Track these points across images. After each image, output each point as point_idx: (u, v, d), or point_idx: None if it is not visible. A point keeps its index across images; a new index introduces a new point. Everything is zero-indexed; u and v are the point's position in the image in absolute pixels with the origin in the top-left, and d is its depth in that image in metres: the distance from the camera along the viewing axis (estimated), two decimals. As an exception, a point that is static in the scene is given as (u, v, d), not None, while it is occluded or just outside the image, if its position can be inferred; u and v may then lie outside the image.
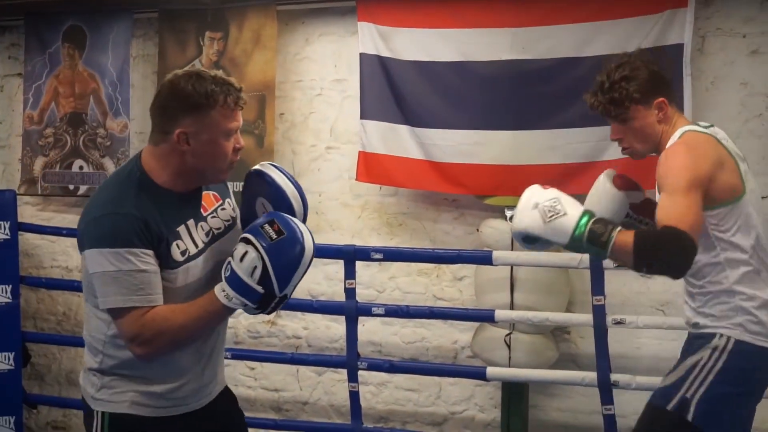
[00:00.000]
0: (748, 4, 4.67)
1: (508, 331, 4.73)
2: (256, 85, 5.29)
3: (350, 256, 4.70)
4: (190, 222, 2.55)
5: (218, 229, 2.62)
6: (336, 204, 5.41)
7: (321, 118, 5.45)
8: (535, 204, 2.81)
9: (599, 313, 4.32)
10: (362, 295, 5.19)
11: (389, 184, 5.13)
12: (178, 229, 2.50)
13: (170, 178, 2.51)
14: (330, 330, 5.44)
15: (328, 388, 5.47)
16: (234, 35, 5.37)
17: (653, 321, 4.42)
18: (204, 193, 2.62)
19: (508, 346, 4.71)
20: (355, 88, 5.28)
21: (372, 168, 5.07)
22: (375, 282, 5.30)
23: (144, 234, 2.42)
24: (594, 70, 4.61)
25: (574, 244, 2.75)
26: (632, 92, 2.99)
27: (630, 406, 4.58)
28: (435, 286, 5.21)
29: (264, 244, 2.35)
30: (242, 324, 5.60)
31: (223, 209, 2.67)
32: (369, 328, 5.26)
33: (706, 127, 3.04)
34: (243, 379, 5.61)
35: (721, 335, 2.94)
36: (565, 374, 4.53)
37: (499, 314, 4.52)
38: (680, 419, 2.90)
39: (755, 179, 4.61)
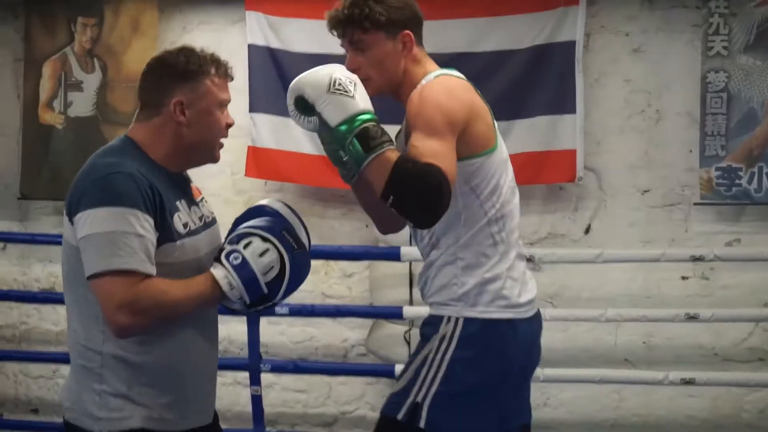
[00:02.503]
0: (630, 3, 4.82)
1: (406, 328, 4.72)
2: (134, 75, 5.00)
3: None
4: (186, 201, 2.42)
5: (208, 218, 2.51)
6: (218, 200, 5.23)
7: (200, 111, 5.25)
8: (331, 72, 2.42)
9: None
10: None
11: (281, 180, 5.02)
12: (176, 203, 2.38)
13: (164, 155, 2.39)
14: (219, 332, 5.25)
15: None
16: (110, 21, 5.12)
17: (574, 314, 4.50)
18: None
19: (408, 343, 4.69)
20: (236, 80, 5.06)
21: (262, 163, 4.94)
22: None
23: (148, 197, 2.27)
24: (488, 65, 4.75)
25: (339, 132, 2.37)
26: (376, 14, 2.56)
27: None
28: (323, 284, 5.13)
29: (288, 251, 2.35)
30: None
31: (205, 202, 2.56)
32: (237, 328, 5.10)
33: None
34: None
35: (449, 319, 2.54)
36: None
37: (408, 311, 4.49)
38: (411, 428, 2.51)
39: (634, 173, 4.84)
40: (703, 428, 4.83)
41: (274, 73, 4.91)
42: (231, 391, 5.17)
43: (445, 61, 4.59)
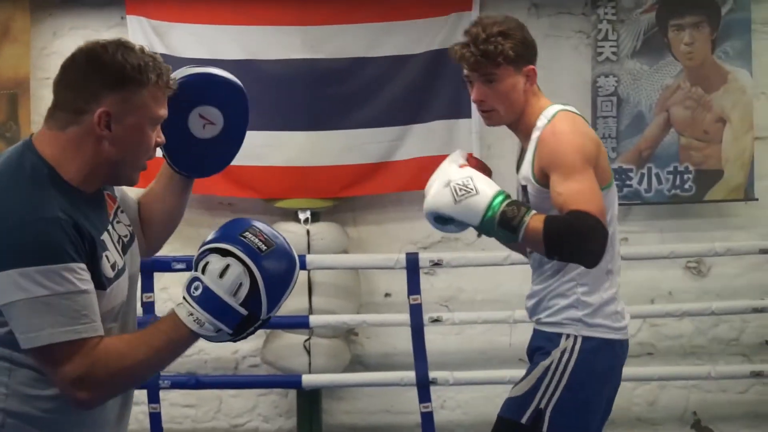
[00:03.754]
0: (518, 10, 4.86)
1: (306, 337, 4.63)
2: (5, 83, 4.76)
3: (148, 267, 4.36)
4: (108, 229, 2.01)
5: (125, 236, 2.09)
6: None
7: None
8: (448, 182, 2.62)
9: (416, 312, 4.36)
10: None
11: (171, 189, 4.83)
12: (102, 238, 1.98)
13: (79, 174, 1.95)
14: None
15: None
16: (-23, 26, 4.79)
17: (469, 317, 4.53)
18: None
19: (308, 352, 4.61)
20: (115, 86, 4.92)
21: (149, 172, 4.73)
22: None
23: (78, 244, 1.89)
24: (384, 70, 4.75)
25: (485, 226, 2.59)
26: (507, 50, 2.74)
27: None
28: (213, 295, 4.97)
29: (253, 257, 1.91)
30: None
31: (122, 212, 2.12)
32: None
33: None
34: None
35: (568, 336, 2.79)
36: (384, 375, 4.53)
37: (315, 319, 4.41)
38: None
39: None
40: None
41: (159, 80, 4.72)
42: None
43: (343, 65, 4.69)
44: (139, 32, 4.73)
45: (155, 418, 4.46)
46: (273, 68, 4.70)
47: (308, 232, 4.66)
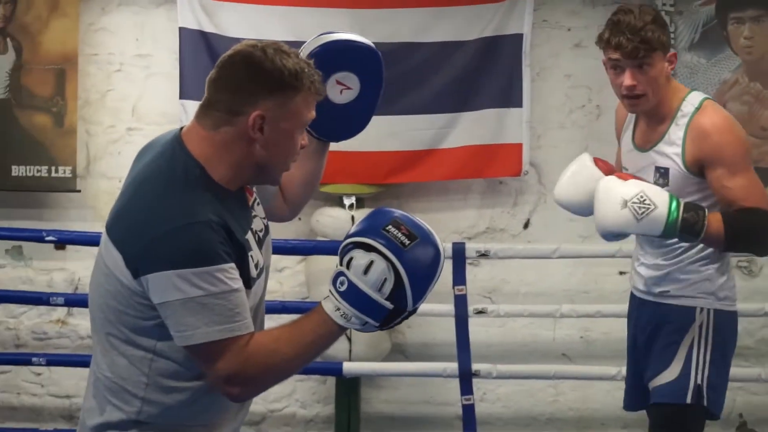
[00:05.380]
0: (574, -1, 4.83)
1: (348, 323, 4.59)
2: (54, 58, 4.74)
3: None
4: (251, 228, 2.08)
5: (261, 231, 2.14)
6: (140, 191, 4.97)
7: (120, 97, 4.96)
8: (624, 202, 2.78)
9: (461, 302, 4.30)
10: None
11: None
12: (246, 237, 2.04)
13: (227, 173, 2.02)
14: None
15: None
16: (25, -1, 4.76)
17: (514, 309, 4.47)
18: None
19: (349, 339, 4.56)
20: (162, 64, 4.91)
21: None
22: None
23: (228, 245, 1.96)
24: (434, 56, 4.68)
25: (667, 235, 2.80)
26: (661, 35, 2.92)
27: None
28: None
29: (396, 253, 1.93)
30: (24, 324, 5.01)
31: (258, 203, 2.18)
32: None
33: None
34: (27, 387, 5.02)
35: (702, 309, 2.98)
36: (427, 366, 4.49)
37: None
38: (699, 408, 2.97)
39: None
40: (638, 422, 4.85)
41: (207, 59, 4.68)
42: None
43: (391, 49, 4.61)
44: (188, 10, 4.69)
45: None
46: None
47: (353, 218, 4.60)
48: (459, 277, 4.33)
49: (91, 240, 4.77)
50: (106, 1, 4.95)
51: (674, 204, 2.78)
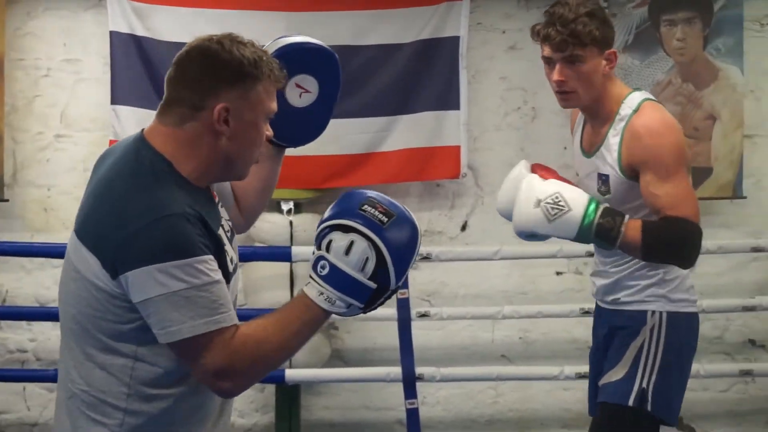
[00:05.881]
0: (507, 1, 4.84)
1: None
2: (-21, 64, 4.59)
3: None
4: (222, 224, 2.04)
5: (228, 231, 2.11)
6: (69, 199, 4.83)
7: (48, 103, 4.84)
8: (537, 201, 2.67)
9: (404, 306, 4.27)
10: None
11: (150, 177, 4.70)
12: (219, 233, 2.01)
13: (196, 169, 1.98)
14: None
15: (62, 405, 4.89)
16: (-54, 4, 4.61)
17: (457, 312, 4.46)
18: None
19: (290, 346, 4.51)
20: (91, 69, 4.80)
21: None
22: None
23: (206, 237, 1.93)
24: (372, 60, 4.65)
25: (581, 238, 2.69)
26: (594, 30, 2.76)
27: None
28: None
29: (376, 231, 1.92)
30: (-51, 338, 4.85)
31: (221, 206, 2.15)
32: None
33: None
34: (-48, 403, 4.86)
35: (653, 312, 2.88)
36: (370, 371, 4.44)
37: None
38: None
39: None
40: (578, 421, 4.91)
41: (139, 63, 4.60)
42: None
43: None
44: (119, 14, 4.59)
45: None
46: (257, 55, 4.59)
47: (291, 223, 4.55)
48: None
49: (20, 250, 4.65)
50: (32, 6, 4.82)
51: (591, 207, 2.65)
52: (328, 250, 1.94)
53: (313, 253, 1.98)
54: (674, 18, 4.66)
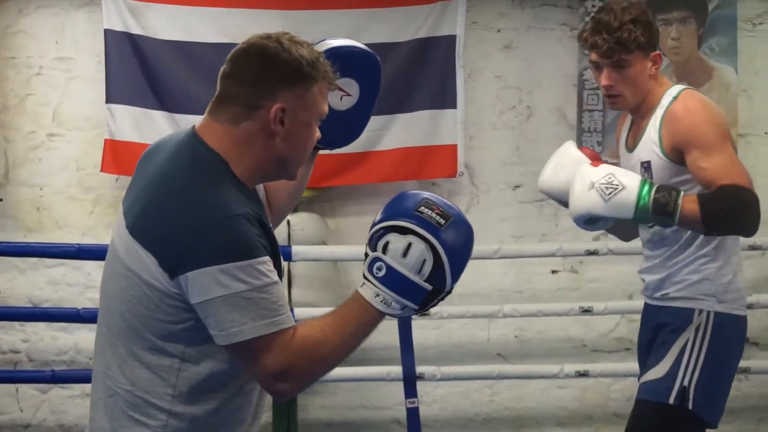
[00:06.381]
0: (502, 0, 4.85)
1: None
2: (-30, 62, 4.54)
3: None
4: (271, 225, 2.04)
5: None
6: (62, 198, 4.81)
7: (41, 102, 4.81)
8: (591, 184, 2.69)
9: (403, 305, 4.26)
10: (96, 299, 4.67)
11: (146, 176, 4.67)
12: (274, 234, 2.01)
13: (248, 169, 1.96)
14: (57, 341, 4.83)
15: (56, 406, 4.85)
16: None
17: (458, 311, 4.47)
18: None
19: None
20: (84, 68, 4.77)
21: (122, 158, 4.57)
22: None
23: (264, 238, 1.91)
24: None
25: (640, 217, 2.68)
26: (639, 36, 2.82)
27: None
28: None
29: (434, 233, 1.91)
30: (-60, 339, 4.81)
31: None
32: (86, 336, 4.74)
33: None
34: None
35: (701, 311, 2.86)
36: (370, 370, 4.43)
37: (296, 313, 4.29)
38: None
39: (506, 168, 4.90)
40: (573, 418, 4.95)
41: (134, 62, 4.58)
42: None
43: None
44: (114, 12, 4.57)
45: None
46: (253, 53, 4.57)
47: (288, 222, 4.53)
48: (401, 280, 4.30)
49: (13, 250, 4.61)
50: (23, 3, 4.78)
51: (645, 185, 2.67)
52: (384, 251, 1.92)
53: (366, 254, 1.95)
54: (669, 17, 4.69)
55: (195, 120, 4.82)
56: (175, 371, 1.93)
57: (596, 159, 2.90)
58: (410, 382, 4.30)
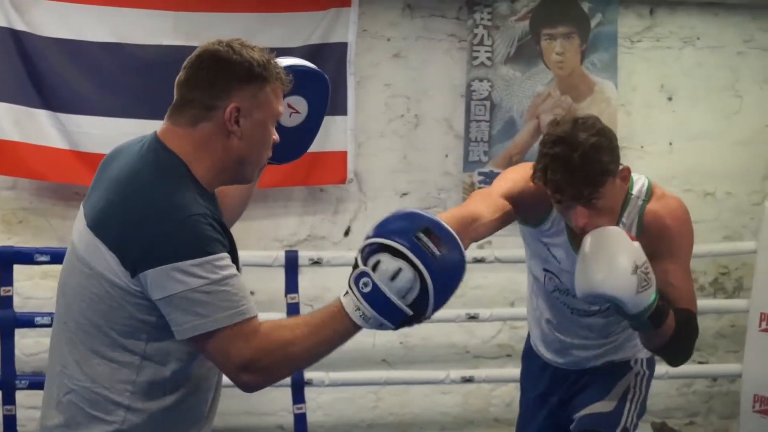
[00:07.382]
0: (392, 9, 4.91)
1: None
2: None
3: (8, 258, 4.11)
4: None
5: None
6: (-67, 200, 4.64)
7: None
8: (635, 267, 2.44)
9: (293, 311, 4.30)
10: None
11: (28, 177, 4.54)
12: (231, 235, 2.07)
13: (208, 173, 2.02)
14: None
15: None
16: None
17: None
18: None
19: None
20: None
21: (5, 157, 4.44)
22: None
23: (222, 236, 1.96)
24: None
25: (638, 317, 2.53)
26: (607, 164, 2.48)
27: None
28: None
29: (426, 264, 1.91)
30: None
31: None
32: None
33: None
34: None
35: (636, 360, 2.97)
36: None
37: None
38: None
39: (394, 176, 4.95)
40: (455, 423, 5.04)
41: (17, 59, 4.43)
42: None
43: None
44: (-4, 6, 4.42)
45: (10, 421, 4.16)
46: (142, 53, 4.49)
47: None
48: (292, 286, 4.32)
49: None
50: None
51: (654, 294, 2.52)
52: (374, 269, 1.94)
53: (356, 265, 1.97)
54: (554, 32, 4.83)
55: (83, 120, 4.75)
56: (135, 368, 1.98)
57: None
58: (298, 387, 4.29)
